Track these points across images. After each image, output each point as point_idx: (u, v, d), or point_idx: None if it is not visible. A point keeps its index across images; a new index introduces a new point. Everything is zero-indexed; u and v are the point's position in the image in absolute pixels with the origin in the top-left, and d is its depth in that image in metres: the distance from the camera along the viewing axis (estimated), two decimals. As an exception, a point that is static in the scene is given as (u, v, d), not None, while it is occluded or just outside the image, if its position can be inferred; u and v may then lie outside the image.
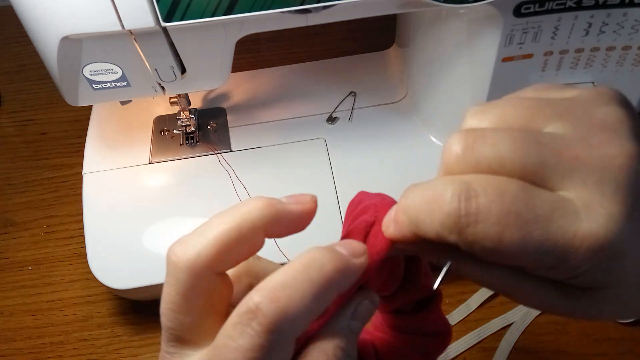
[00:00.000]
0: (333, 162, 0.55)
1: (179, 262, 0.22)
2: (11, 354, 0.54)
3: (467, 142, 0.20)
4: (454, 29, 0.49)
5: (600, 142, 0.20)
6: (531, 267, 0.20)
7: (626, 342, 0.53)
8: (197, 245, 0.22)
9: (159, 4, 0.37)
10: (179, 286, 0.22)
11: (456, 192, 0.19)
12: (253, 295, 0.20)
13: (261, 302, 0.20)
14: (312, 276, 0.20)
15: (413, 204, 0.21)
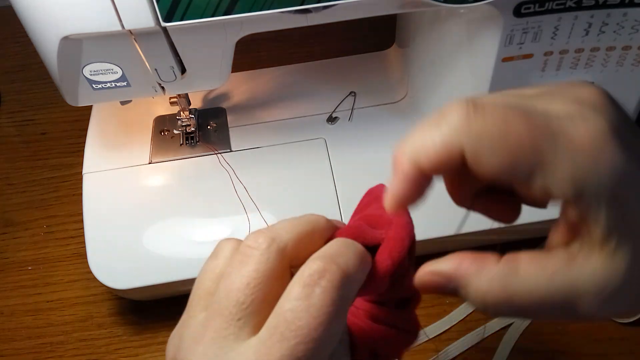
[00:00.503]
0: (333, 162, 0.55)
1: (265, 243, 0.23)
2: (11, 354, 0.54)
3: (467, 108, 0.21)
4: (454, 29, 0.49)
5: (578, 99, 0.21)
6: (529, 167, 0.20)
7: (626, 342, 0.53)
8: (281, 233, 0.24)
9: (159, 4, 0.37)
10: (261, 264, 0.23)
11: (461, 102, 0.21)
12: (315, 261, 0.22)
13: (325, 264, 0.22)
14: (355, 249, 0.23)
15: (411, 137, 0.22)
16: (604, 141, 0.20)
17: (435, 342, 0.53)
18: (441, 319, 0.54)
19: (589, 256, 0.21)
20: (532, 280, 0.21)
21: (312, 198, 0.53)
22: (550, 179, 0.20)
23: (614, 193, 0.20)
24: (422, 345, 0.53)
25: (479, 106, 0.20)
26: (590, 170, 0.19)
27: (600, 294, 0.21)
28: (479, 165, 0.20)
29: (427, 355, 0.52)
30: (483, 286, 0.22)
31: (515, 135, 0.20)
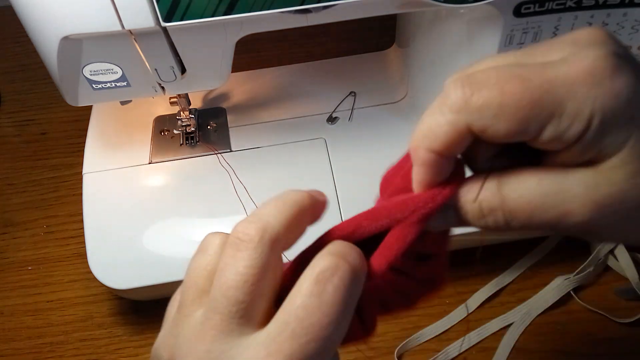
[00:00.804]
0: (333, 162, 0.55)
1: (257, 236, 0.23)
2: (11, 354, 0.54)
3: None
4: (454, 29, 0.49)
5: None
6: (538, 123, 0.20)
7: (626, 342, 0.53)
8: (271, 221, 0.23)
9: (159, 4, 0.37)
10: (257, 259, 0.22)
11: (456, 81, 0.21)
12: (326, 257, 0.22)
13: (336, 261, 0.22)
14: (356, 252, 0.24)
15: (419, 126, 0.23)
16: (601, 70, 0.20)
17: (435, 342, 0.53)
18: (441, 319, 0.54)
19: (582, 169, 0.21)
20: (522, 183, 0.22)
21: (312, 198, 0.53)
22: (558, 126, 0.20)
23: (618, 117, 0.20)
24: (422, 345, 0.53)
25: (474, 81, 0.21)
26: (593, 103, 0.20)
27: (592, 197, 0.21)
28: (489, 136, 0.21)
29: (427, 355, 0.52)
30: (477, 195, 0.23)
31: (513, 100, 0.20)
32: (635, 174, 0.21)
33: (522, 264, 0.57)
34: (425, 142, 0.22)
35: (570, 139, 0.21)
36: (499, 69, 0.21)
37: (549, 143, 0.21)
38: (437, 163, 0.23)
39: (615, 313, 0.54)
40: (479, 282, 0.56)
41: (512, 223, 0.22)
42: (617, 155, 0.21)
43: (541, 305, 0.54)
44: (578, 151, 0.21)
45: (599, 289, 0.56)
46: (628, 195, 0.21)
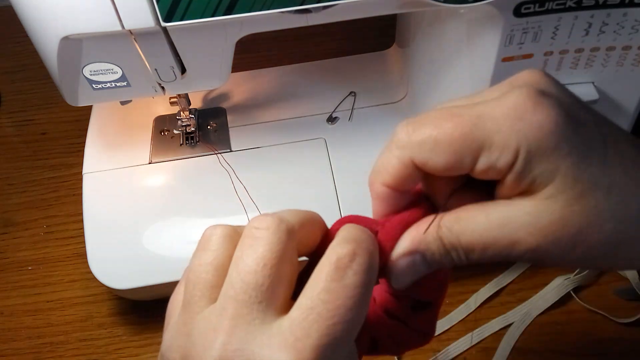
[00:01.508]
0: (333, 162, 0.55)
1: (275, 224, 0.23)
2: (11, 354, 0.54)
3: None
4: (454, 29, 0.49)
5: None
6: (470, 155, 0.22)
7: (626, 342, 0.53)
8: (286, 216, 0.24)
9: (159, 4, 0.37)
10: (275, 244, 0.23)
11: (403, 122, 0.24)
12: (344, 244, 0.23)
13: (355, 247, 0.23)
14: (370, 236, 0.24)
15: (375, 163, 0.25)
16: (527, 106, 0.22)
17: (435, 342, 0.53)
18: (441, 319, 0.54)
19: (523, 199, 0.23)
20: (472, 219, 0.24)
21: (312, 198, 0.53)
22: (489, 157, 0.22)
23: (543, 147, 0.22)
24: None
25: (416, 122, 0.23)
26: (517, 135, 0.22)
27: (535, 226, 0.22)
28: (430, 168, 0.23)
29: (427, 355, 0.52)
30: (436, 236, 0.24)
31: (447, 134, 0.22)
32: (572, 202, 0.22)
33: (522, 264, 0.57)
34: (379, 178, 0.25)
35: (502, 169, 0.22)
36: (439, 109, 0.24)
37: (485, 173, 0.23)
38: (391, 196, 0.25)
39: (615, 313, 0.54)
40: (479, 282, 0.56)
41: (470, 256, 0.24)
42: (552, 185, 0.22)
43: (541, 305, 0.54)
44: (513, 181, 0.23)
45: (599, 289, 0.56)
46: (569, 222, 0.22)
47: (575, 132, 0.22)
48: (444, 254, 0.24)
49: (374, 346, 0.31)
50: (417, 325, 0.31)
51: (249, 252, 0.23)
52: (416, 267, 0.25)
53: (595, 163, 0.22)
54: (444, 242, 0.24)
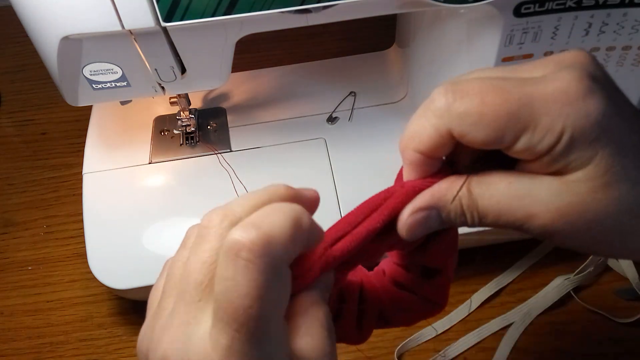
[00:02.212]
0: (333, 162, 0.55)
1: (218, 220, 0.22)
2: (11, 354, 0.54)
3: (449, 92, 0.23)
4: (454, 29, 0.49)
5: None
6: (513, 134, 0.22)
7: (626, 342, 0.53)
8: (235, 208, 0.23)
9: (159, 4, 0.37)
10: (215, 242, 0.22)
11: (441, 88, 0.23)
12: (234, 230, 0.20)
13: (242, 232, 0.20)
14: (285, 210, 0.22)
15: (407, 128, 0.24)
16: (579, 92, 0.22)
17: (435, 342, 0.53)
18: (441, 319, 0.54)
19: (549, 177, 0.23)
20: (494, 185, 0.24)
21: (312, 198, 0.53)
22: (532, 138, 0.22)
23: (586, 135, 0.22)
24: (422, 345, 0.53)
25: (458, 91, 0.23)
26: (564, 120, 0.21)
27: (555, 203, 0.23)
28: (467, 141, 0.23)
29: (427, 355, 0.52)
30: (456, 195, 0.24)
31: (493, 110, 0.22)
32: (597, 189, 0.22)
33: (522, 264, 0.57)
34: (412, 144, 0.24)
35: (541, 151, 0.22)
36: (483, 80, 0.23)
37: (522, 153, 0.23)
38: (423, 162, 0.25)
39: (615, 313, 0.54)
40: (479, 282, 0.56)
41: (483, 220, 0.24)
42: (583, 170, 0.22)
43: (541, 305, 0.54)
44: (547, 162, 0.23)
45: (599, 289, 0.56)
46: (588, 208, 0.22)
47: (617, 124, 0.22)
48: (459, 214, 0.24)
49: (384, 319, 0.31)
50: (428, 294, 0.31)
51: (194, 252, 0.22)
52: (430, 221, 0.25)
53: (629, 156, 0.22)
54: (462, 203, 0.24)
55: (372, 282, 0.32)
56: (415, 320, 0.33)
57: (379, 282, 0.32)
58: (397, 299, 0.31)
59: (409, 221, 0.25)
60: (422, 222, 0.25)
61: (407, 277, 0.31)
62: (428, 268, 0.31)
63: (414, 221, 0.25)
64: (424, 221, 0.25)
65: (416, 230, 0.25)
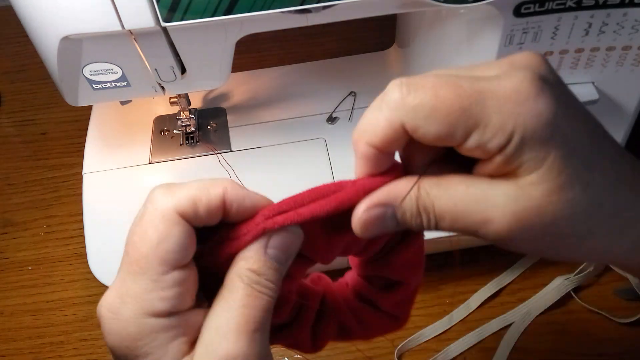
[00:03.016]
0: (333, 162, 0.55)
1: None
2: (11, 354, 0.54)
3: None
4: (454, 29, 0.49)
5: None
6: (464, 130, 0.22)
7: (626, 342, 0.53)
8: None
9: (159, 4, 0.37)
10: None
11: (397, 82, 0.23)
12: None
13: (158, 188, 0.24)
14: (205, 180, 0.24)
15: (361, 121, 0.24)
16: (530, 92, 0.22)
17: (435, 342, 0.53)
18: (441, 319, 0.54)
19: (504, 181, 0.23)
20: (452, 187, 0.24)
21: (312, 198, 0.53)
22: (483, 135, 0.22)
23: (537, 136, 0.22)
24: (422, 345, 0.53)
25: (412, 84, 0.23)
26: (515, 119, 0.21)
27: (511, 208, 0.22)
28: (420, 135, 0.23)
29: (427, 355, 0.52)
30: (413, 196, 0.24)
31: (445, 104, 0.22)
32: (551, 192, 0.22)
33: (522, 264, 0.57)
34: (365, 137, 0.24)
35: (492, 150, 0.22)
36: (438, 75, 0.23)
37: (474, 151, 0.23)
38: (375, 157, 0.25)
39: (615, 313, 0.54)
40: (479, 282, 0.56)
41: (439, 223, 0.24)
42: (536, 172, 0.22)
43: (541, 305, 0.54)
44: (500, 162, 0.22)
45: (599, 289, 0.56)
46: (544, 211, 0.22)
47: (568, 125, 0.22)
48: (415, 215, 0.24)
49: (342, 331, 0.31)
50: (388, 308, 0.31)
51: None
52: (385, 221, 0.24)
53: (580, 158, 0.22)
54: (418, 203, 0.24)
55: (334, 292, 0.32)
56: (374, 335, 0.32)
57: (341, 293, 0.32)
58: (357, 311, 0.31)
59: (364, 217, 0.24)
60: (377, 220, 0.24)
61: (369, 289, 0.31)
62: (390, 281, 0.30)
63: (368, 217, 0.24)
64: (378, 219, 0.24)
65: (370, 228, 0.25)
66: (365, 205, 0.25)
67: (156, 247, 0.23)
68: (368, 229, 0.25)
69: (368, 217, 0.24)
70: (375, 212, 0.24)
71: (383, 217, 0.24)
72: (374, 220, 0.24)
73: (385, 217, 0.24)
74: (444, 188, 0.24)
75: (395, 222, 0.25)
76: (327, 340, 0.31)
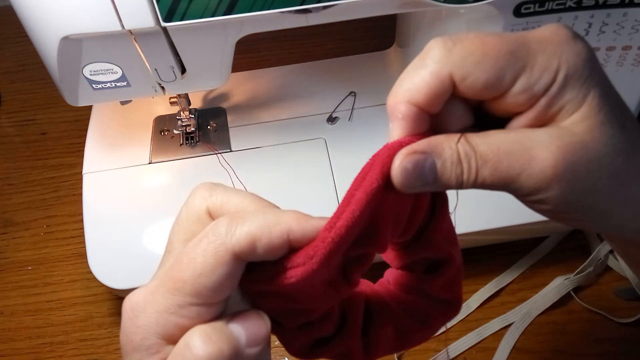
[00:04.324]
0: (333, 162, 0.55)
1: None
2: (11, 354, 0.54)
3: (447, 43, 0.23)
4: (454, 29, 0.49)
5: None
6: (512, 74, 0.23)
7: (626, 342, 0.53)
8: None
9: (159, 4, 0.37)
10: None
11: (437, 40, 0.23)
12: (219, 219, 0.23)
13: (223, 221, 0.23)
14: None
15: (399, 82, 0.24)
16: (568, 35, 0.23)
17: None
18: (441, 319, 0.54)
19: (545, 127, 0.23)
20: (492, 134, 0.24)
21: (312, 198, 0.53)
22: (530, 77, 0.22)
23: (579, 73, 0.23)
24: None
25: (455, 38, 0.23)
26: (560, 57, 0.23)
27: (555, 143, 0.23)
28: (468, 84, 0.23)
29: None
30: (454, 145, 0.24)
31: (494, 48, 0.22)
32: (593, 128, 0.23)
33: (522, 264, 0.57)
34: (407, 95, 0.23)
35: (538, 92, 0.23)
36: (476, 32, 0.23)
37: (518, 96, 0.23)
38: (416, 117, 0.24)
39: (615, 313, 0.54)
40: (479, 282, 0.56)
41: (481, 170, 0.23)
42: (578, 112, 0.23)
43: (541, 305, 0.54)
44: (543, 106, 0.23)
45: (599, 289, 0.56)
46: (589, 146, 0.23)
47: (600, 67, 0.23)
48: (456, 163, 0.23)
49: (402, 336, 0.29)
50: (438, 293, 0.29)
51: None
52: (424, 170, 0.23)
53: (614, 99, 0.23)
54: (459, 151, 0.23)
55: (378, 293, 0.30)
56: (433, 328, 0.30)
57: (386, 293, 0.30)
58: (407, 306, 0.29)
59: (404, 163, 0.23)
60: (416, 168, 0.23)
61: (413, 277, 0.29)
62: (432, 261, 0.29)
63: (408, 163, 0.23)
64: (418, 166, 0.23)
65: (410, 176, 0.23)
66: (405, 151, 0.23)
67: (196, 278, 0.22)
68: (407, 176, 0.23)
69: (407, 163, 0.23)
70: (414, 157, 0.23)
71: (422, 165, 0.23)
72: (413, 167, 0.23)
73: (425, 166, 0.23)
74: (484, 135, 0.24)
75: (434, 174, 0.24)
76: (382, 348, 0.29)
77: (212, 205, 0.25)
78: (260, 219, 0.22)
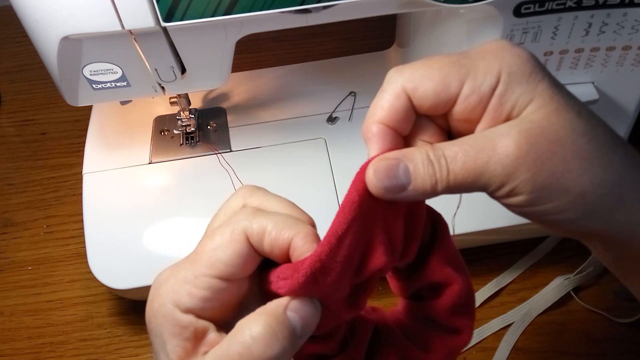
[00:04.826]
0: (333, 162, 0.55)
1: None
2: (11, 354, 0.54)
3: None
4: (454, 29, 0.49)
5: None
6: (458, 80, 0.25)
7: (626, 342, 0.53)
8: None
9: (159, 4, 0.37)
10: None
11: (391, 70, 0.27)
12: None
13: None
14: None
15: (368, 111, 0.27)
16: (505, 43, 0.26)
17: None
18: (441, 319, 0.54)
19: (503, 124, 0.25)
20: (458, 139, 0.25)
21: (312, 198, 0.53)
22: (475, 80, 0.25)
23: (522, 71, 0.25)
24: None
25: (406, 64, 0.26)
26: (500, 61, 0.25)
27: (515, 128, 0.24)
28: (421, 94, 0.25)
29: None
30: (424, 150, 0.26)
31: (437, 62, 0.25)
32: (550, 114, 0.24)
33: (522, 264, 0.57)
34: (375, 116, 0.26)
35: (486, 91, 0.25)
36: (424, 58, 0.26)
37: (470, 98, 0.25)
38: (388, 135, 0.26)
39: (615, 313, 0.54)
40: (479, 282, 0.56)
41: (451, 167, 0.25)
42: (532, 104, 0.24)
43: (541, 305, 0.54)
44: (495, 105, 0.25)
45: (599, 289, 0.56)
46: (547, 130, 0.24)
47: (544, 67, 0.26)
48: (427, 164, 0.25)
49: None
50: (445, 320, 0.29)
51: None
52: (397, 171, 0.25)
53: (566, 92, 0.25)
54: (429, 154, 0.25)
55: (386, 321, 0.31)
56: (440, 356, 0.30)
57: (394, 321, 0.30)
58: (413, 334, 0.29)
59: (375, 165, 0.25)
60: (389, 169, 0.25)
61: (419, 303, 0.29)
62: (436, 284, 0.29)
63: (380, 165, 0.25)
64: (391, 168, 0.25)
65: (382, 177, 0.25)
66: (378, 158, 0.26)
67: (212, 250, 0.25)
68: (380, 177, 0.25)
69: (380, 165, 0.25)
70: (387, 162, 0.25)
71: (395, 167, 0.25)
72: (387, 168, 0.25)
73: (398, 169, 0.25)
74: (450, 142, 0.25)
75: (408, 176, 0.25)
76: None
77: (249, 204, 0.28)
78: (276, 218, 0.26)
